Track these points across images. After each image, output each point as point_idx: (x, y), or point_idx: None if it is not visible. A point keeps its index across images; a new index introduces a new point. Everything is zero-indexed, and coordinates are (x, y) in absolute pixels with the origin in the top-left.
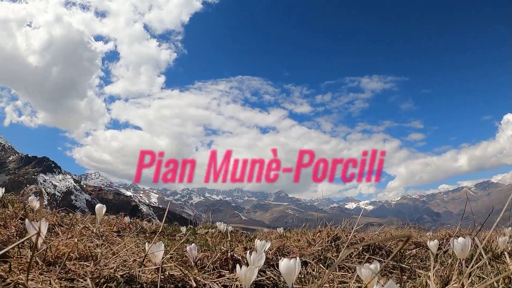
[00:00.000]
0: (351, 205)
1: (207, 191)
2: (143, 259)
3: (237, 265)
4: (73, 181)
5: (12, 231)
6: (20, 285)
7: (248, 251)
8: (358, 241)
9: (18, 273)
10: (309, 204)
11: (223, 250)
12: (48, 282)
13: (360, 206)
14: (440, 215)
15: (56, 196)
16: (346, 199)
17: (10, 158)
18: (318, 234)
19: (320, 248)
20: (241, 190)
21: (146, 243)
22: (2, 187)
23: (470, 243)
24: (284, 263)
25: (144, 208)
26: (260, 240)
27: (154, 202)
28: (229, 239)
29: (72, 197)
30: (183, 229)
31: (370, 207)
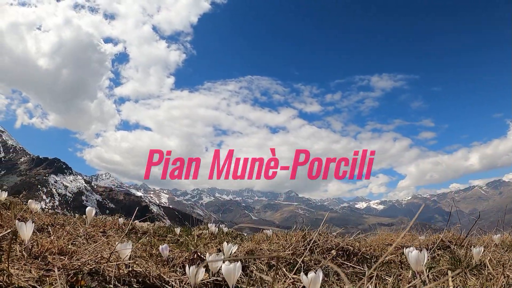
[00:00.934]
0: (361, 205)
1: (217, 191)
2: (109, 255)
3: (187, 265)
4: (84, 182)
5: (5, 229)
6: (4, 271)
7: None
8: (334, 246)
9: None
10: (319, 204)
11: (192, 251)
12: (29, 270)
13: (370, 205)
14: (451, 215)
15: (67, 197)
16: (356, 198)
17: (22, 160)
18: (295, 238)
19: (291, 252)
20: (251, 190)
21: (117, 242)
22: (6, 191)
23: (425, 256)
24: (224, 267)
25: (154, 208)
26: (238, 242)
27: (165, 202)
28: (216, 240)
29: (83, 197)
30: (177, 230)
31: (381, 207)
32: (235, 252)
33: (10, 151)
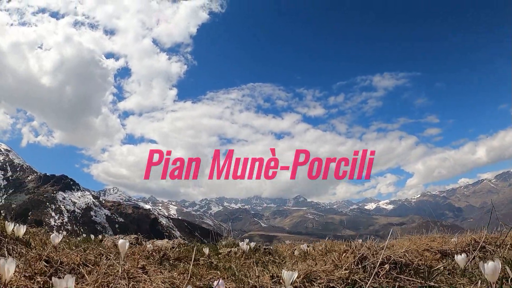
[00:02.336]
0: (371, 206)
1: (226, 200)
2: None
3: None
4: (92, 197)
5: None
6: None
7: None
8: (385, 259)
9: None
10: (329, 207)
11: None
12: None
13: (380, 206)
14: (462, 210)
15: (76, 213)
16: (365, 199)
17: (29, 178)
18: (344, 254)
19: (347, 271)
20: (260, 197)
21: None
22: (25, 224)
23: (499, 266)
24: None
25: (163, 221)
26: (278, 262)
27: (173, 214)
28: (253, 260)
29: (92, 213)
30: (206, 250)
31: (390, 207)
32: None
33: (17, 169)
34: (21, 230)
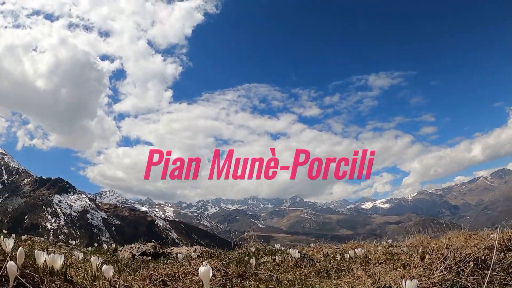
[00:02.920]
0: (367, 205)
1: (222, 202)
2: None
3: None
4: (88, 200)
5: None
6: None
7: None
8: (466, 257)
9: None
10: (325, 207)
11: None
12: None
13: (376, 205)
14: (459, 208)
15: (72, 216)
16: (362, 199)
17: (25, 181)
18: (428, 256)
19: (443, 274)
20: (256, 198)
21: None
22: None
23: None
24: None
25: (160, 223)
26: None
27: (170, 216)
28: (304, 271)
29: (88, 216)
30: (253, 261)
31: (387, 205)
32: None
33: (13, 173)
34: (58, 260)
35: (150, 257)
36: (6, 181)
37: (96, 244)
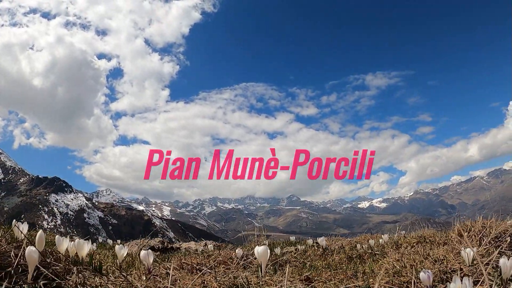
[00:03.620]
0: (364, 204)
1: (219, 201)
2: None
3: None
4: (84, 199)
5: None
6: None
7: None
8: (502, 233)
9: None
10: (322, 207)
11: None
12: None
13: (373, 204)
14: (455, 207)
15: (69, 215)
16: (358, 198)
17: (21, 180)
18: (466, 234)
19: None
20: (253, 197)
21: None
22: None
23: None
24: None
25: (157, 222)
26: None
27: (167, 215)
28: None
29: (85, 215)
30: (277, 250)
31: (383, 205)
32: None
33: (9, 172)
34: (85, 247)
35: (158, 252)
36: (2, 180)
37: (94, 244)
